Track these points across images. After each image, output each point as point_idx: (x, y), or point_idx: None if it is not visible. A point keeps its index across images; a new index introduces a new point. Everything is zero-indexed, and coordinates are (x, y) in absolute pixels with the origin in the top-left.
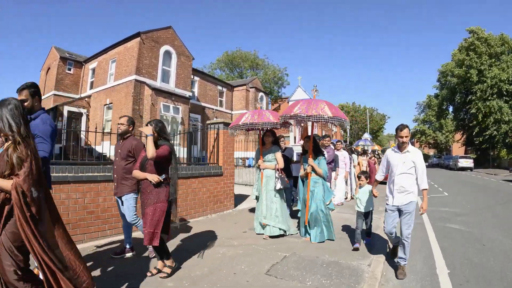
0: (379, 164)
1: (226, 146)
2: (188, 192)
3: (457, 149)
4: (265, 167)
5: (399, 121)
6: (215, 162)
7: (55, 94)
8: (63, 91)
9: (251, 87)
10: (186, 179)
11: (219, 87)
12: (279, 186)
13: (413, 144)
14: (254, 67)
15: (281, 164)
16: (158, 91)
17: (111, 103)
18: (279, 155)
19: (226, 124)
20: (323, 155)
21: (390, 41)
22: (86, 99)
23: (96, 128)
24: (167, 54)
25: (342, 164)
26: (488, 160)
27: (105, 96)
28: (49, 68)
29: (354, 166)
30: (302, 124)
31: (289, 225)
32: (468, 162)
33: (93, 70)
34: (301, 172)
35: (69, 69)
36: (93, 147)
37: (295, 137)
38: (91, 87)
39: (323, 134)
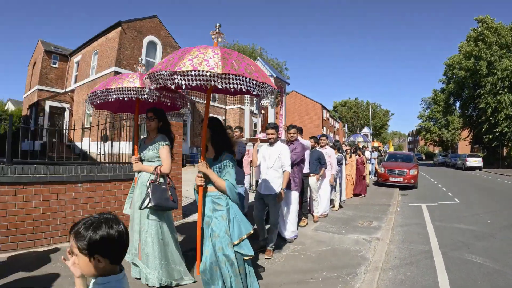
0: (380, 163)
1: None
2: (110, 199)
3: (464, 147)
4: (139, 169)
5: (404, 117)
6: None
7: (39, 89)
8: (48, 86)
9: None
10: (107, 182)
11: None
12: (147, 203)
13: (418, 141)
14: None
15: (166, 167)
16: None
17: None
18: (164, 151)
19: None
20: (232, 153)
21: (394, 35)
22: (70, 93)
23: (74, 125)
24: (152, 44)
25: (327, 165)
26: (498, 159)
27: (87, 90)
28: (35, 63)
29: (342, 164)
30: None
31: (179, 271)
32: (477, 161)
33: (78, 63)
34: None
35: (54, 63)
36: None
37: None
38: (76, 81)
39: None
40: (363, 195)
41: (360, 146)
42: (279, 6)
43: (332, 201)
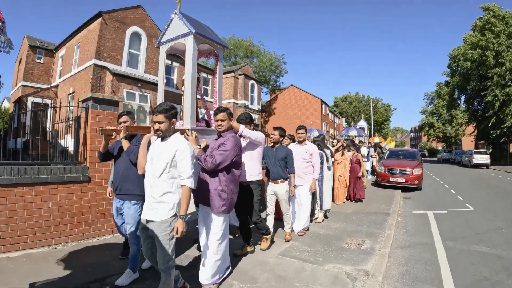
0: (380, 160)
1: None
2: (18, 209)
3: (468, 143)
4: None
5: (406, 112)
6: (82, 159)
7: (23, 85)
8: (32, 82)
9: (240, 74)
10: (13, 187)
11: (203, 74)
12: None
13: (420, 137)
14: (248, 55)
15: None
16: (121, 77)
17: (74, 92)
18: None
19: (99, 101)
20: None
21: (397, 28)
22: (53, 89)
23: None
24: (136, 36)
25: (304, 167)
26: (505, 156)
27: (69, 84)
28: (21, 59)
29: (329, 168)
30: None
31: None
32: (484, 158)
33: (62, 57)
34: None
35: (39, 58)
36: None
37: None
38: (60, 76)
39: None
40: (359, 199)
41: (356, 141)
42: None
43: (312, 212)
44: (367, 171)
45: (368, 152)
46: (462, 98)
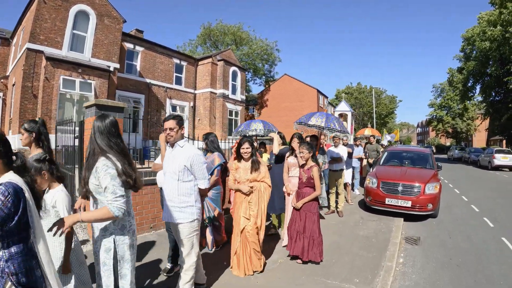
0: (372, 166)
1: None
2: None
3: (480, 139)
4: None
5: (413, 105)
6: None
7: None
8: None
9: (219, 60)
10: None
11: (176, 60)
12: None
13: (428, 133)
14: (237, 42)
15: None
16: (57, 62)
17: (15, 83)
18: None
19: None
20: None
21: (401, 16)
22: (3, 80)
23: None
24: (83, 15)
25: None
26: None
27: (13, 74)
28: None
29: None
30: None
31: None
32: (507, 159)
33: (14, 45)
34: None
35: None
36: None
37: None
38: (12, 66)
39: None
40: (311, 262)
41: (323, 137)
42: None
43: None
44: (348, 184)
45: (353, 151)
46: (478, 88)
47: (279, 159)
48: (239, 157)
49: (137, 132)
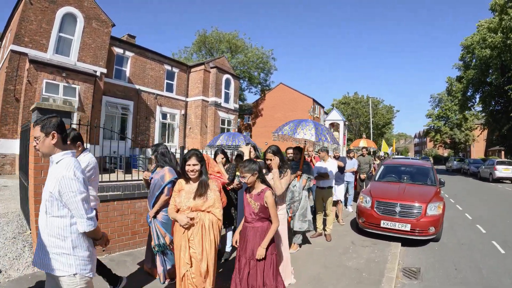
0: (366, 181)
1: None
2: None
3: (479, 150)
4: None
5: (410, 116)
6: None
7: None
8: None
9: (212, 67)
10: None
11: (167, 67)
12: None
13: (425, 143)
14: (232, 49)
15: None
16: (40, 65)
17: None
18: None
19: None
20: None
21: (398, 26)
22: None
23: None
24: (70, 17)
25: None
26: None
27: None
28: None
29: None
30: None
31: None
32: (510, 171)
33: (1, 47)
34: None
35: None
36: None
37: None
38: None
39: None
40: None
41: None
42: None
43: None
44: (340, 202)
45: (341, 168)
46: (477, 97)
47: None
48: (186, 176)
49: (125, 140)
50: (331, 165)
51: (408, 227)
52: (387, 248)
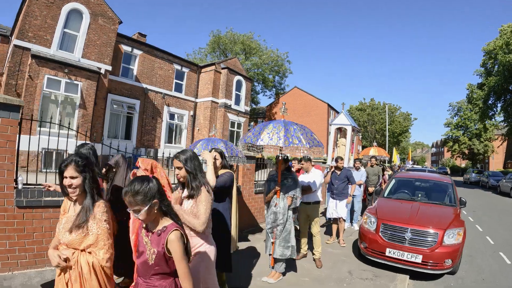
0: (373, 195)
1: None
2: None
3: (498, 161)
4: None
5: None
6: None
7: None
8: None
9: (223, 68)
10: None
11: (176, 66)
12: None
13: (442, 153)
14: (247, 51)
15: None
16: (42, 60)
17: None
18: None
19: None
20: None
21: (417, 33)
22: None
23: None
24: (75, 13)
25: None
26: None
27: (5, 71)
28: None
29: None
30: None
31: None
32: None
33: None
34: None
35: None
36: None
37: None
38: None
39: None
40: None
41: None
42: None
43: None
44: (342, 220)
45: (348, 179)
46: (499, 106)
47: (221, 193)
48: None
49: (130, 139)
50: (316, 176)
51: (419, 259)
52: (392, 283)
